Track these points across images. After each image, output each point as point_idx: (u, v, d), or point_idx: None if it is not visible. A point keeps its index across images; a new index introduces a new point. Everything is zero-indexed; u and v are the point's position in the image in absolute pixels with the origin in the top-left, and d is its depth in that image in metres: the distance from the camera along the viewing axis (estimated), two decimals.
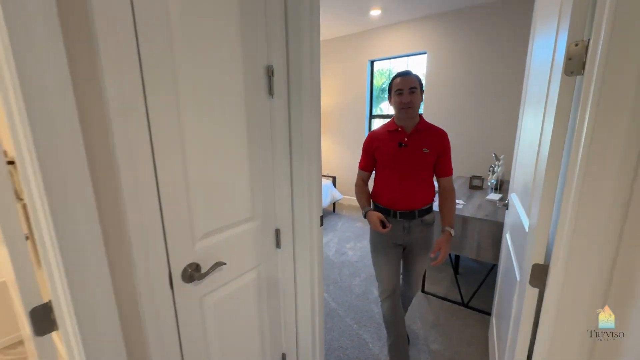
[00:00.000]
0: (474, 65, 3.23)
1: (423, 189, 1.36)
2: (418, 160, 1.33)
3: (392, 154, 1.35)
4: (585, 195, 0.65)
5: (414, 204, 1.36)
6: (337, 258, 2.80)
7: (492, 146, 3.21)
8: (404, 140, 1.34)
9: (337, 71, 4.31)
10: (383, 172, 1.41)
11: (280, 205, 1.14)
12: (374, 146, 1.41)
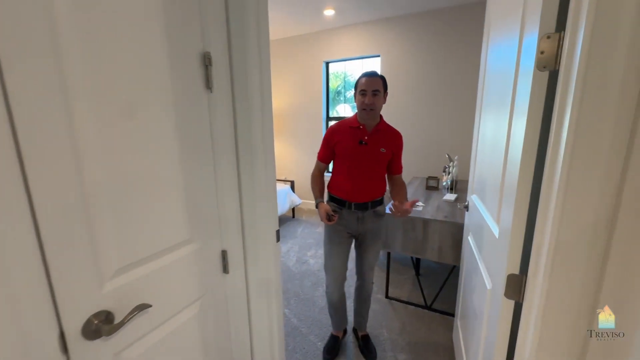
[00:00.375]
0: (427, 69, 3.33)
1: (377, 183, 1.47)
2: (375, 158, 1.43)
3: (352, 150, 1.41)
4: (569, 201, 0.59)
5: (368, 197, 1.45)
6: (298, 268, 2.64)
7: (446, 147, 3.34)
8: (364, 139, 1.41)
9: (291, 71, 4.17)
10: (341, 166, 1.47)
11: (226, 221, 0.95)
12: (335, 140, 1.45)
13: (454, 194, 2.30)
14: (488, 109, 1.18)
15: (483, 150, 1.22)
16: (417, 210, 1.98)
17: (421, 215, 1.87)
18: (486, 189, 1.13)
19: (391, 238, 1.96)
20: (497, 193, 0.93)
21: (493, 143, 1.04)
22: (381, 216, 1.54)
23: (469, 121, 3.19)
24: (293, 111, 4.28)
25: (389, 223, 1.95)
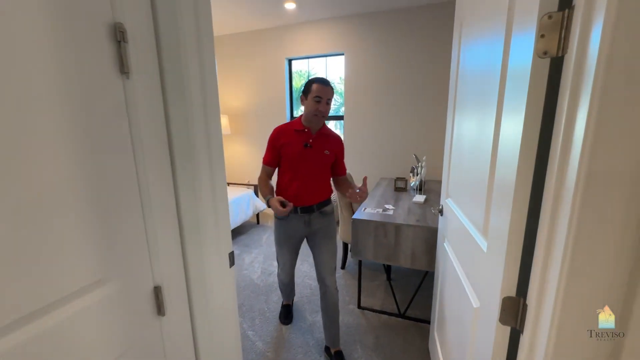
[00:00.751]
0: (392, 69, 3.29)
1: (322, 186, 1.52)
2: (320, 161, 1.48)
3: (298, 153, 1.44)
4: (587, 213, 0.48)
5: (313, 200, 1.49)
6: (264, 280, 2.42)
7: (413, 148, 3.33)
8: (309, 142, 1.45)
9: (251, 68, 3.92)
10: (287, 169, 1.49)
11: (158, 249, 0.73)
12: (281, 142, 1.46)
13: (423, 195, 2.25)
14: (464, 109, 1.09)
15: (459, 152, 1.13)
16: (388, 215, 1.88)
17: (393, 220, 1.77)
18: (465, 194, 1.03)
19: (362, 245, 1.84)
20: (481, 200, 0.83)
21: (474, 145, 0.94)
22: (328, 215, 1.57)
23: (436, 121, 3.21)
24: (254, 111, 4.03)
25: (360, 230, 1.82)
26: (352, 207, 2.42)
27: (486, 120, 0.81)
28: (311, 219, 1.52)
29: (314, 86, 1.38)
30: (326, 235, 1.55)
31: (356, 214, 1.90)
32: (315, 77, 1.40)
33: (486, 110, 0.82)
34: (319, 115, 1.40)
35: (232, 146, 4.26)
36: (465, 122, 1.07)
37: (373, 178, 3.56)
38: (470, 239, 0.92)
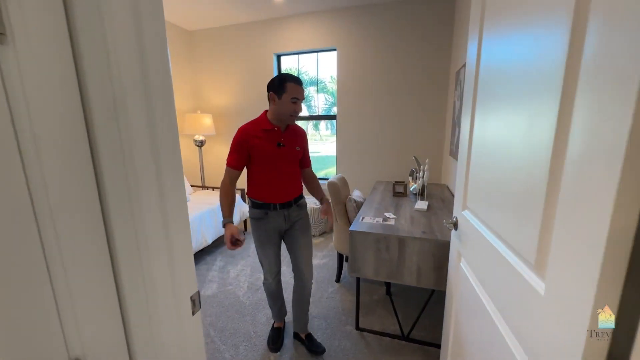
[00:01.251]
0: (388, 65, 3.10)
1: (296, 181, 1.54)
2: (293, 158, 1.50)
3: (272, 152, 1.42)
4: None
5: (291, 195, 1.52)
6: (250, 297, 2.17)
7: (412, 149, 3.14)
8: (281, 140, 1.44)
9: (237, 65, 3.66)
10: (261, 170, 1.45)
11: (75, 307, 0.49)
12: (251, 144, 1.40)
13: (425, 202, 2.06)
14: (493, 109, 0.88)
15: (485, 156, 0.92)
16: (389, 225, 1.67)
17: (395, 232, 1.56)
18: (496, 208, 0.82)
19: (361, 262, 1.62)
20: (530, 217, 0.62)
21: (514, 148, 0.73)
22: (303, 207, 1.61)
23: (438, 121, 3.02)
24: (240, 110, 3.77)
25: (358, 244, 1.61)
26: (348, 215, 2.20)
27: (539, 119, 0.60)
28: (290, 213, 1.53)
29: (290, 86, 1.34)
30: (303, 228, 1.58)
31: (354, 225, 1.68)
32: (288, 75, 1.36)
33: (540, 108, 0.61)
34: (295, 116, 1.41)
35: (216, 147, 3.99)
36: (495, 122, 0.86)
37: (368, 181, 3.36)
38: (509, 269, 0.71)
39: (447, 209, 1.97)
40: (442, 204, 2.10)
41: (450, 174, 2.61)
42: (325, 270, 2.57)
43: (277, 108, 1.39)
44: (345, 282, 2.38)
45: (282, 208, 1.50)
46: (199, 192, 3.48)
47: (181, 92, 3.67)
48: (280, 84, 1.35)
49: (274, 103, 1.39)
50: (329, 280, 2.40)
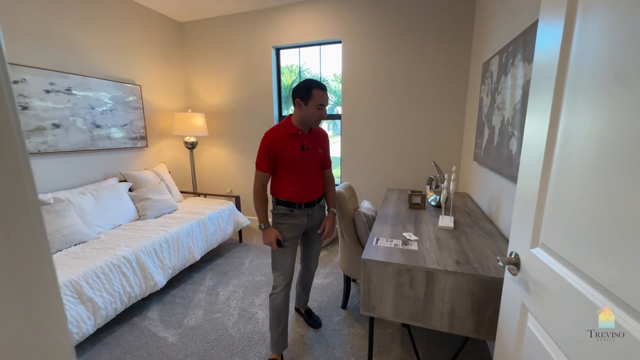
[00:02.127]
0: (401, 57, 2.75)
1: (319, 181, 1.60)
2: (316, 160, 1.55)
3: (297, 156, 1.47)
4: None
5: (315, 195, 1.57)
6: (241, 329, 1.84)
7: (428, 153, 2.80)
8: (305, 143, 1.49)
9: (231, 60, 3.34)
10: (287, 172, 1.50)
11: None
12: (279, 148, 1.44)
13: (451, 217, 1.71)
14: (597, 105, 0.55)
15: (596, 171, 0.58)
16: (412, 251, 1.33)
17: (422, 263, 1.21)
18: (625, 258, 0.48)
19: (376, 298, 1.28)
20: None
21: None
22: (323, 207, 1.68)
23: (457, 121, 2.67)
24: (236, 109, 3.44)
25: (373, 277, 1.27)
26: (357, 232, 1.86)
27: None
28: (313, 211, 1.60)
29: (316, 92, 1.38)
30: (320, 226, 1.65)
31: (368, 251, 1.34)
32: (314, 81, 1.40)
33: None
34: (319, 121, 1.46)
35: (210, 150, 3.66)
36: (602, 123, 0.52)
37: (378, 189, 3.02)
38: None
39: (478, 227, 1.63)
40: (469, 220, 1.75)
41: (474, 182, 2.26)
42: (329, 292, 2.23)
43: (304, 114, 1.42)
44: (354, 308, 2.04)
45: (306, 207, 1.56)
46: (190, 200, 3.15)
47: (170, 89, 3.35)
48: (306, 90, 1.38)
49: (300, 109, 1.42)
50: (334, 306, 2.05)
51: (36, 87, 2.13)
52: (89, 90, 2.48)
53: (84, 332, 1.59)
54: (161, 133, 3.25)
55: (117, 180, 2.68)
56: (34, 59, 2.13)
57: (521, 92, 1.33)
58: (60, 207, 2.02)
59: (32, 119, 2.12)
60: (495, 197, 1.76)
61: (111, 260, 1.82)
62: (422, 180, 2.83)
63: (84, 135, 2.46)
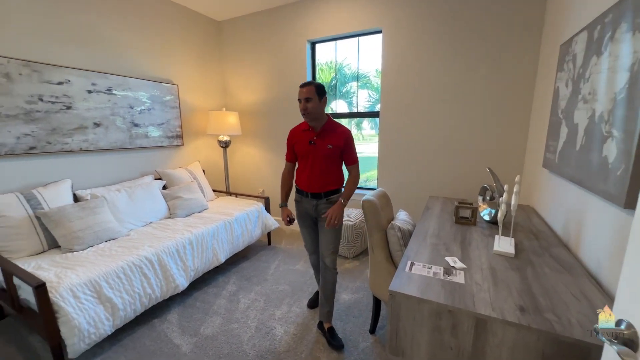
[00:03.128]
0: (452, 46, 2.38)
1: (328, 176, 1.71)
2: (324, 155, 1.68)
3: (305, 149, 1.70)
4: None
5: (320, 188, 1.72)
6: (256, 346, 1.69)
7: (481, 156, 2.39)
8: (313, 139, 1.68)
9: (266, 57, 3.23)
10: (300, 163, 1.78)
11: None
12: (293, 142, 1.77)
13: (510, 239, 1.35)
14: None
15: None
16: (457, 285, 1.03)
17: (471, 305, 0.92)
18: None
19: (406, 341, 1.01)
20: None
21: None
22: (333, 202, 1.73)
23: (519, 119, 2.23)
24: (269, 107, 3.34)
25: (403, 315, 1.00)
26: (390, 248, 1.59)
27: None
28: (318, 204, 1.73)
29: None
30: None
31: (397, 280, 1.07)
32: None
33: None
34: (303, 113, 1.64)
35: (242, 149, 3.63)
36: None
37: (418, 196, 2.68)
38: None
39: (550, 255, 1.25)
40: (536, 244, 1.37)
41: (543, 193, 1.82)
42: (356, 311, 1.98)
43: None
44: (384, 335, 1.77)
45: (312, 198, 1.74)
46: (221, 199, 3.13)
47: (206, 88, 3.37)
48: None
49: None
50: (360, 329, 1.81)
51: (79, 88, 2.23)
52: (129, 90, 2.55)
53: (101, 333, 1.57)
54: (196, 132, 3.28)
55: (153, 178, 2.73)
56: (78, 60, 2.23)
57: (627, 75, 0.95)
58: (94, 203, 2.07)
59: (75, 118, 2.22)
60: (575, 216, 1.35)
61: (133, 261, 1.79)
62: (472, 189, 2.42)
63: (122, 134, 2.54)
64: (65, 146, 2.18)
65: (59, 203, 2.01)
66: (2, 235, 1.76)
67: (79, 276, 1.58)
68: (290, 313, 1.97)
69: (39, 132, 2.04)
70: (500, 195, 1.55)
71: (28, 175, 2.02)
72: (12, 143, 1.92)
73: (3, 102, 1.86)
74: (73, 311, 1.47)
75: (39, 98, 2.02)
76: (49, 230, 1.89)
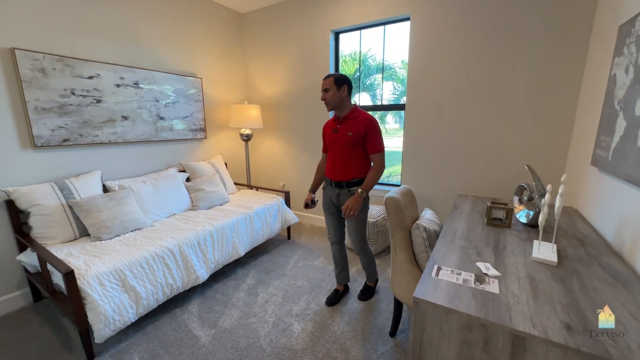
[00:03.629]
0: (487, 31, 2.19)
1: (349, 165, 1.75)
2: (344, 142, 1.72)
3: (331, 138, 1.80)
4: None
5: (341, 177, 1.77)
6: (273, 342, 1.67)
7: (516, 152, 2.21)
8: (337, 127, 1.76)
9: (289, 48, 3.18)
10: (328, 152, 1.86)
11: None
12: (324, 132, 1.88)
13: (552, 245, 1.21)
14: None
15: None
16: (490, 295, 0.93)
17: (506, 320, 0.82)
18: None
19: (431, 353, 0.93)
20: None
21: None
22: (353, 193, 1.75)
23: (562, 110, 2.02)
24: (291, 100, 3.30)
25: (428, 325, 0.92)
26: (414, 249, 1.49)
27: None
28: (340, 193, 1.79)
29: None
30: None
31: (422, 285, 0.99)
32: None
33: None
34: (325, 103, 1.74)
35: (264, 142, 3.62)
36: None
37: (446, 194, 2.53)
38: None
39: (599, 264, 1.11)
40: (582, 252, 1.22)
41: (590, 194, 1.64)
42: (376, 312, 1.91)
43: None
44: (405, 338, 1.69)
45: (335, 186, 1.81)
46: (242, 192, 3.15)
47: (229, 81, 3.37)
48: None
49: None
50: (380, 331, 1.73)
51: (108, 82, 2.30)
52: (154, 84, 2.60)
53: (125, 320, 1.62)
54: (219, 125, 3.31)
55: (177, 171, 2.79)
56: (107, 55, 2.29)
57: None
58: (122, 194, 2.14)
59: (104, 111, 2.29)
60: (631, 221, 1.18)
61: (155, 251, 1.83)
62: (506, 187, 2.24)
63: (148, 127, 2.60)
64: (96, 138, 2.26)
65: (89, 193, 2.09)
66: (38, 222, 1.86)
67: (105, 265, 1.63)
68: (308, 310, 1.93)
69: (71, 124, 2.12)
70: (540, 195, 1.40)
71: (61, 166, 2.12)
72: (47, 135, 2.01)
73: (39, 96, 1.95)
74: (99, 298, 1.52)
75: (72, 92, 2.10)
76: (80, 219, 1.97)
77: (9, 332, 1.75)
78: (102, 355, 1.58)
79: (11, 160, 1.89)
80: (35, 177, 2.00)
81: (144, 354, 1.59)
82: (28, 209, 1.85)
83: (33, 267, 1.86)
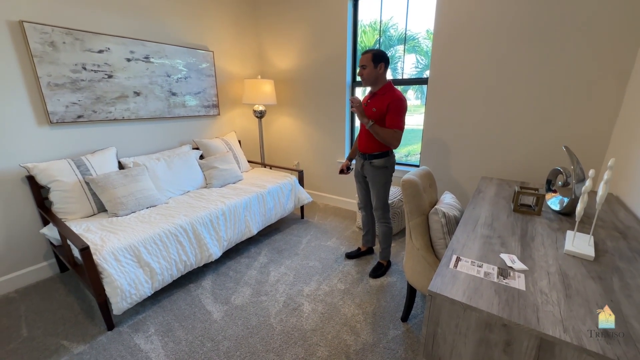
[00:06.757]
0: (527, 2, 1.93)
1: (372, 139, 1.86)
2: (369, 117, 1.80)
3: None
4: None
5: (366, 149, 1.90)
6: (283, 321, 1.68)
7: (557, 134, 2.00)
8: (367, 102, 1.86)
9: (303, 18, 2.97)
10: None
11: None
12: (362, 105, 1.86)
13: (588, 236, 1.09)
14: None
15: None
16: (515, 292, 0.84)
17: (533, 322, 0.74)
18: None
19: (445, 348, 0.87)
20: None
21: None
22: (376, 167, 1.90)
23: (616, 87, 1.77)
24: (306, 74, 3.14)
25: (444, 321, 0.85)
26: (431, 235, 1.40)
27: None
28: (364, 164, 1.95)
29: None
30: (372, 182, 1.94)
31: (439, 278, 0.91)
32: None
33: None
34: (361, 79, 1.83)
35: (278, 119, 3.53)
36: None
37: (468, 177, 2.38)
38: None
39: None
40: (624, 245, 1.09)
41: (637, 181, 1.46)
42: (388, 296, 1.87)
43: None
44: (416, 324, 1.65)
45: (360, 157, 1.98)
46: (256, 170, 3.12)
47: (242, 54, 3.24)
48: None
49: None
50: (391, 316, 1.70)
51: (119, 56, 2.24)
52: (165, 58, 2.53)
53: (141, 294, 1.67)
54: (233, 101, 3.23)
55: (190, 148, 2.78)
56: (115, 27, 2.22)
57: None
58: (136, 171, 2.15)
59: (116, 87, 2.26)
60: None
61: (169, 229, 1.85)
62: (535, 171, 2.06)
63: (161, 103, 2.56)
64: (109, 115, 2.26)
65: (105, 170, 2.11)
66: (58, 198, 1.91)
67: (120, 241, 1.66)
68: (319, 291, 1.92)
69: (84, 100, 2.11)
70: (578, 180, 1.25)
71: (77, 143, 2.14)
72: (61, 111, 2.02)
73: (51, 71, 1.94)
74: (115, 273, 1.56)
75: (83, 67, 2.07)
76: (97, 195, 2.01)
77: (38, 299, 1.87)
78: (121, 325, 1.65)
79: (29, 136, 1.91)
80: (53, 153, 2.03)
81: (159, 326, 1.65)
82: (48, 185, 1.90)
83: (56, 240, 1.93)
